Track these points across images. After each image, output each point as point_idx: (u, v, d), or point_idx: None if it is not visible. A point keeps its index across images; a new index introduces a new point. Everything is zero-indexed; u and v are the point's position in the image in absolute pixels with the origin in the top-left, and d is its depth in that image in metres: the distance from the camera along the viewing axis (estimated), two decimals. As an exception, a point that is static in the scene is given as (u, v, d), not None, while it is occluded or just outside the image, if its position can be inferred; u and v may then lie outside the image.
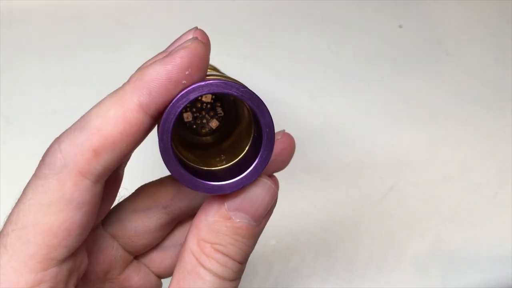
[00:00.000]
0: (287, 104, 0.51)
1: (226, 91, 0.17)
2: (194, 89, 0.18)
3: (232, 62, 0.53)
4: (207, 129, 0.24)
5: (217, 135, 0.24)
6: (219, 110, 0.24)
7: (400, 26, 0.58)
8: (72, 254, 0.18)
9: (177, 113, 0.18)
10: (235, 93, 0.18)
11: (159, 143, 0.18)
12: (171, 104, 0.18)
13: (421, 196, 0.46)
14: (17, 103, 0.50)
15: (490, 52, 0.57)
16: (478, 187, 0.47)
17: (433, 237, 0.44)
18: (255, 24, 0.57)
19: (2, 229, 0.18)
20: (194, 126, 0.24)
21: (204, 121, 0.24)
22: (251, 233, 0.19)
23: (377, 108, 0.52)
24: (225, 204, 0.19)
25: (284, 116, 0.51)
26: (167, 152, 0.18)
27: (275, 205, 0.20)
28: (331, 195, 0.46)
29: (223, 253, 0.19)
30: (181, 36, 0.20)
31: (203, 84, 0.17)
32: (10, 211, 0.18)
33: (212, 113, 0.24)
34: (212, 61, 0.25)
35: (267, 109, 0.18)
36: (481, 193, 0.47)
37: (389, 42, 0.57)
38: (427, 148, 0.49)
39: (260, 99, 0.18)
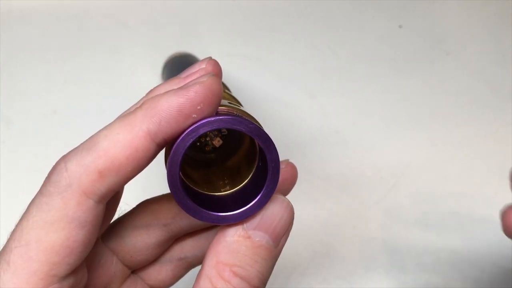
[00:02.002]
0: (287, 104, 0.51)
1: (235, 127, 0.18)
2: (204, 124, 0.18)
3: (232, 62, 0.54)
4: (210, 147, 0.24)
5: (220, 153, 0.24)
6: (223, 128, 0.24)
7: (400, 26, 0.58)
8: (74, 271, 0.19)
9: (186, 147, 0.18)
10: (244, 130, 0.18)
11: (167, 174, 0.18)
12: (180, 138, 0.18)
13: (421, 196, 0.46)
14: (17, 103, 0.50)
15: (490, 52, 0.57)
16: (478, 187, 0.47)
17: (434, 237, 0.44)
18: (255, 24, 0.57)
19: (5, 246, 0.18)
20: (198, 144, 0.24)
21: (208, 139, 0.24)
22: (270, 253, 0.19)
23: (377, 108, 0.52)
24: (244, 223, 0.19)
25: (284, 116, 0.51)
26: (175, 184, 0.18)
27: (292, 225, 0.20)
28: (331, 195, 0.46)
29: (241, 277, 0.19)
30: (195, 65, 0.20)
31: (213, 120, 0.18)
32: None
33: (216, 132, 0.24)
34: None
35: (274, 145, 0.19)
36: (481, 193, 0.47)
37: (389, 42, 0.57)
38: (427, 148, 0.49)
39: (268, 136, 0.18)
